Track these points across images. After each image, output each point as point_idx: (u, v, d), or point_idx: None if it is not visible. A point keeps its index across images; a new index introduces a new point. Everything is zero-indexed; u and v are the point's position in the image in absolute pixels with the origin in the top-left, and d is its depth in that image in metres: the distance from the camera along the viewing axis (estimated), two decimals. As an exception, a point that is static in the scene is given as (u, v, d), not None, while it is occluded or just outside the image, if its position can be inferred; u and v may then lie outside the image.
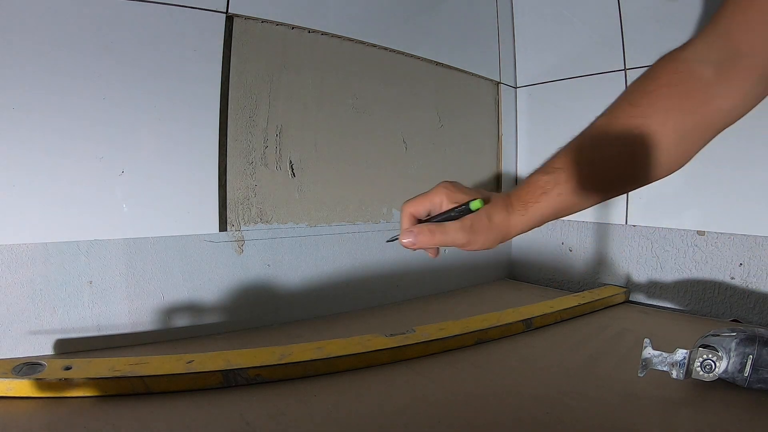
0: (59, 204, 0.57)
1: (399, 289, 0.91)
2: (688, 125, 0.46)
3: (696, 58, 0.45)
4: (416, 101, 0.92)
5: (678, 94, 0.45)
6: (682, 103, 0.45)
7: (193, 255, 0.66)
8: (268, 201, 0.73)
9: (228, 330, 0.69)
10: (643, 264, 0.90)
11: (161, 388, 0.48)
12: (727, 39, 0.43)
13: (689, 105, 0.45)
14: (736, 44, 0.43)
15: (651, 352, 0.48)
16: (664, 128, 0.46)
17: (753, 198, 0.76)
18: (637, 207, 0.90)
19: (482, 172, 1.06)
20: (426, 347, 0.60)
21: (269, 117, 0.73)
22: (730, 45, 0.43)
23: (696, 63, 0.45)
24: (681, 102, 0.45)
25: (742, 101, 0.45)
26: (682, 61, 0.46)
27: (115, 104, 0.60)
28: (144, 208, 0.62)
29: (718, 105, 0.45)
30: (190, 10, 0.64)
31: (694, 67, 0.45)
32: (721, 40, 0.44)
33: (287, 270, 0.75)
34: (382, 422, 0.43)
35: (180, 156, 0.65)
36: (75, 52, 0.57)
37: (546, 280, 1.08)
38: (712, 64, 0.44)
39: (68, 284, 0.58)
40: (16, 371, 0.46)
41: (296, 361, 0.52)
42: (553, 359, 0.60)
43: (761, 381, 0.46)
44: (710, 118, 0.46)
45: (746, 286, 0.77)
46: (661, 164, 0.47)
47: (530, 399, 0.48)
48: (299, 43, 0.75)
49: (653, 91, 0.46)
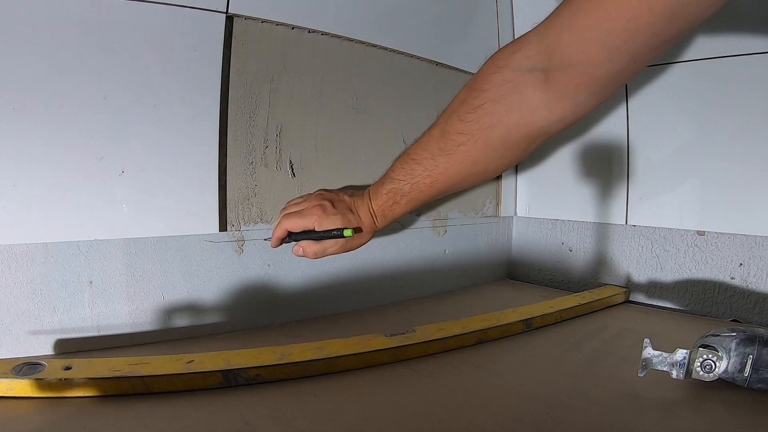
0: (59, 204, 0.57)
1: (399, 289, 0.90)
2: (512, 137, 0.48)
3: (525, 66, 0.44)
4: (416, 101, 0.92)
5: (503, 109, 0.47)
6: (507, 117, 0.47)
7: (193, 255, 0.66)
8: (268, 201, 0.73)
9: (228, 330, 0.69)
10: (643, 264, 0.90)
11: (161, 388, 0.48)
12: (557, 47, 0.42)
13: (514, 119, 0.47)
14: (567, 54, 0.41)
15: (651, 352, 0.48)
16: (488, 144, 0.49)
17: (753, 198, 0.76)
18: (637, 207, 0.90)
19: (482, 172, 1.06)
20: (426, 347, 0.60)
21: (269, 117, 0.73)
22: (560, 54, 0.41)
23: (525, 73, 0.44)
24: (506, 116, 0.47)
25: (571, 112, 0.45)
26: (511, 69, 0.45)
27: (115, 104, 0.60)
28: (144, 208, 0.62)
29: (539, 116, 0.46)
30: (190, 10, 0.64)
31: (523, 77, 0.45)
32: (551, 48, 0.42)
33: (287, 270, 0.76)
34: (382, 422, 0.43)
35: (180, 156, 0.65)
36: (75, 52, 0.57)
37: (546, 280, 1.08)
38: (542, 72, 0.43)
39: (68, 284, 0.58)
40: (16, 371, 0.46)
41: (296, 361, 0.52)
42: (553, 359, 0.60)
43: (761, 381, 0.46)
44: (532, 129, 0.47)
45: (746, 286, 0.77)
46: (489, 170, 0.53)
47: (530, 399, 0.48)
48: (299, 43, 0.75)
49: (480, 106, 0.48)
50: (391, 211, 0.59)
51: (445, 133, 0.52)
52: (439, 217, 0.97)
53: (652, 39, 0.37)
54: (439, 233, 0.97)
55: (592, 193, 0.96)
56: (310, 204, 0.59)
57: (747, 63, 0.74)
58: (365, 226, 0.59)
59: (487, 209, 1.07)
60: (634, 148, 0.89)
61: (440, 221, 0.97)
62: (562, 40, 0.41)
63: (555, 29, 0.42)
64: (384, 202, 0.58)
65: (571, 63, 0.41)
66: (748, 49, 0.73)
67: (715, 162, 0.79)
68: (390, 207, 0.58)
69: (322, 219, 0.57)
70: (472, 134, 0.49)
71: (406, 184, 0.56)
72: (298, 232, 0.59)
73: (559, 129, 0.48)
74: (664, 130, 0.85)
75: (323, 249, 0.59)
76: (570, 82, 0.42)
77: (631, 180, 0.90)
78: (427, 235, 0.95)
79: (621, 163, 0.91)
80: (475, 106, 0.49)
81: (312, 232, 0.58)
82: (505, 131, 0.48)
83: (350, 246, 0.60)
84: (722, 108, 0.78)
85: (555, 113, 0.45)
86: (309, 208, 0.59)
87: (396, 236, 0.90)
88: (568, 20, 0.40)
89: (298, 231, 0.59)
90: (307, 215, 0.58)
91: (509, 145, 0.49)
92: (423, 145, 0.56)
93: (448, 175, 0.54)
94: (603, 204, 0.95)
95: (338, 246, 0.60)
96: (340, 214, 0.58)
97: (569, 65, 0.41)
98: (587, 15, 0.38)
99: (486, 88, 0.48)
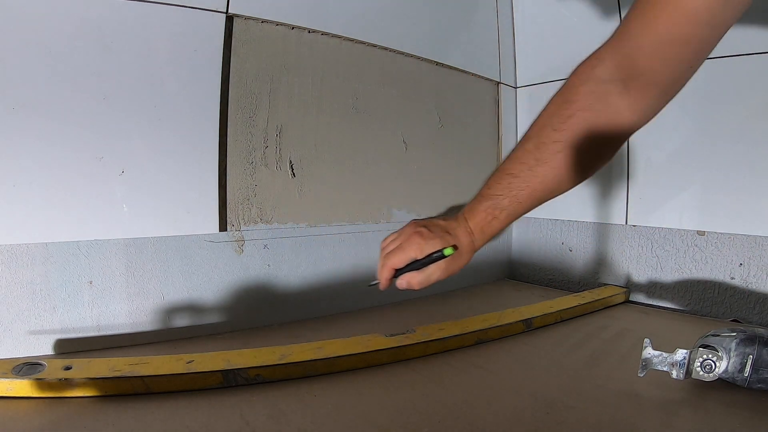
0: (59, 204, 0.57)
1: (399, 289, 0.90)
2: (602, 140, 0.55)
3: (606, 77, 0.53)
4: (416, 101, 0.92)
5: (593, 116, 0.54)
6: (597, 123, 0.54)
7: (193, 255, 0.66)
8: (268, 201, 0.73)
9: (228, 330, 0.69)
10: (643, 264, 0.90)
11: (161, 388, 0.48)
12: (630, 59, 0.50)
13: (602, 123, 0.54)
14: (639, 65, 0.50)
15: (651, 352, 0.48)
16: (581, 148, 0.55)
17: (753, 198, 0.76)
18: (637, 207, 0.90)
19: (482, 172, 1.06)
20: (426, 347, 0.60)
21: (269, 117, 0.73)
22: (634, 65, 0.50)
23: (607, 83, 0.53)
24: (596, 122, 0.54)
25: (644, 113, 0.53)
26: (595, 81, 0.53)
27: (115, 104, 0.60)
28: (144, 208, 0.62)
29: (624, 117, 0.53)
30: (190, 10, 0.64)
31: (606, 87, 0.53)
32: (626, 61, 0.51)
33: (287, 270, 0.76)
34: (382, 422, 0.43)
35: (180, 156, 0.65)
36: (75, 52, 0.57)
37: (546, 280, 1.08)
38: (621, 82, 0.52)
39: (68, 284, 0.58)
40: (16, 371, 0.46)
41: (296, 361, 0.52)
42: (553, 359, 0.60)
43: (761, 381, 0.46)
44: (619, 130, 0.55)
45: (746, 286, 0.77)
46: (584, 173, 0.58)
47: (530, 399, 0.48)
48: (299, 43, 0.75)
49: (572, 115, 0.54)
50: (490, 226, 0.61)
51: (540, 145, 0.57)
52: (439, 217, 0.97)
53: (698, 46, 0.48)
54: (439, 233, 0.97)
55: (592, 193, 0.96)
56: (407, 235, 0.61)
57: (747, 63, 0.74)
58: (464, 245, 0.60)
59: (487, 209, 1.07)
60: (634, 148, 0.89)
61: (440, 221, 0.97)
62: (632, 56, 0.50)
63: (624, 47, 0.51)
64: (482, 219, 0.60)
65: (641, 73, 0.50)
66: (749, 49, 0.73)
67: (715, 162, 0.79)
68: (489, 223, 0.60)
69: (422, 245, 0.59)
70: (567, 141, 0.55)
71: (504, 199, 0.59)
72: (403, 267, 0.59)
73: (639, 126, 0.55)
74: (664, 130, 0.85)
75: (427, 277, 0.59)
76: (643, 87, 0.51)
77: (631, 180, 0.90)
78: (427, 235, 0.95)
79: (621, 163, 0.91)
80: (566, 116, 0.55)
81: (415, 261, 0.58)
82: (597, 135, 0.54)
83: (453, 269, 0.60)
84: (722, 108, 0.78)
85: (636, 113, 0.53)
86: (407, 239, 0.60)
87: (396, 236, 0.90)
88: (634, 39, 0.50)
89: (403, 266, 0.59)
90: (407, 247, 0.59)
91: (601, 147, 0.55)
92: (518, 159, 0.58)
93: (546, 183, 0.57)
94: (603, 204, 0.95)
95: (441, 270, 0.59)
96: (438, 237, 0.59)
97: (640, 74, 0.50)
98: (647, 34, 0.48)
99: (575, 99, 0.54)
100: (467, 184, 1.02)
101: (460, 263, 0.61)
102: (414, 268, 0.59)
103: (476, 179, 1.04)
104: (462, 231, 0.61)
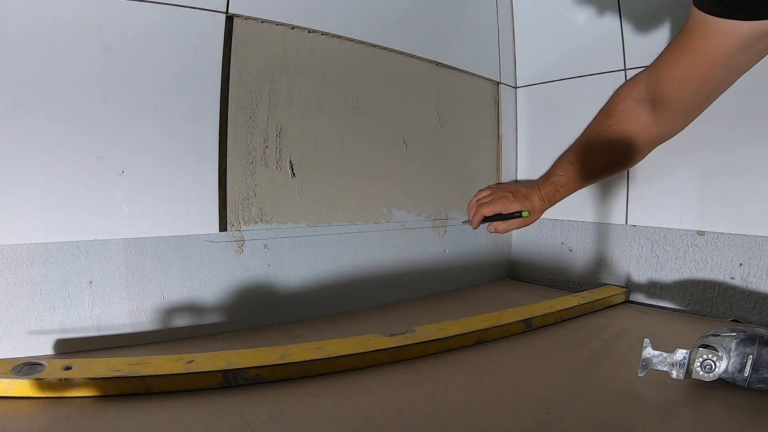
0: (59, 204, 0.57)
1: (399, 289, 0.91)
2: (635, 144, 0.72)
3: (640, 98, 0.69)
4: (416, 101, 0.92)
5: (627, 126, 0.72)
6: (630, 132, 0.72)
7: (193, 255, 0.66)
8: (268, 201, 0.73)
9: (228, 330, 0.69)
10: (643, 264, 0.90)
11: (161, 388, 0.48)
12: (659, 87, 0.66)
13: (634, 132, 0.71)
14: (665, 92, 0.65)
15: (651, 352, 0.48)
16: (619, 149, 0.73)
17: (753, 198, 0.76)
18: (637, 207, 0.90)
19: (482, 172, 1.06)
20: (426, 347, 0.60)
21: (269, 117, 0.73)
22: (661, 91, 0.66)
23: (640, 103, 0.70)
24: (629, 132, 0.72)
25: (670, 129, 0.70)
26: (631, 100, 0.71)
27: (115, 104, 0.60)
28: (144, 208, 0.62)
29: (651, 132, 0.70)
30: (190, 10, 0.64)
31: (639, 106, 0.70)
32: (655, 87, 0.66)
33: (287, 270, 0.76)
34: (382, 422, 0.43)
35: (180, 156, 0.65)
36: (75, 52, 0.57)
37: (546, 280, 1.08)
38: (650, 103, 0.68)
39: (68, 284, 0.58)
40: (16, 371, 0.46)
41: (296, 361, 0.52)
42: (553, 359, 0.60)
43: (761, 381, 0.46)
44: (647, 140, 0.72)
45: (746, 286, 0.77)
46: (621, 167, 0.81)
47: (530, 399, 0.48)
48: (299, 43, 0.75)
49: (612, 124, 0.73)
50: (554, 196, 0.83)
51: (589, 143, 0.77)
52: (439, 217, 0.97)
53: (715, 82, 0.61)
54: (439, 233, 0.97)
55: (592, 193, 0.96)
56: (497, 195, 0.86)
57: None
58: (536, 207, 0.85)
59: (487, 209, 1.07)
60: (634, 148, 0.89)
61: (440, 221, 0.97)
62: (660, 83, 0.65)
63: (656, 76, 0.66)
64: (548, 191, 0.83)
65: (666, 98, 0.65)
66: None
67: (716, 162, 0.79)
68: (553, 194, 0.83)
69: (507, 205, 0.84)
70: (608, 143, 0.73)
71: (563, 178, 0.81)
72: (490, 216, 0.84)
73: (664, 139, 0.72)
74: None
75: (508, 225, 0.85)
76: (667, 109, 0.66)
77: (631, 180, 0.90)
78: (427, 235, 0.95)
79: (621, 163, 0.91)
80: (608, 124, 0.73)
81: (500, 215, 0.84)
82: (630, 140, 0.72)
83: (527, 222, 0.86)
84: (722, 107, 0.77)
85: (660, 129, 0.69)
86: (496, 198, 0.85)
87: (396, 236, 0.90)
88: (663, 70, 0.64)
89: (491, 215, 0.84)
90: (496, 202, 0.84)
91: (634, 149, 0.73)
92: (574, 151, 0.80)
93: (593, 169, 0.79)
94: (603, 204, 0.95)
95: (519, 223, 0.85)
96: (519, 201, 0.84)
97: (666, 99, 0.65)
98: (674, 68, 0.62)
99: (615, 113, 0.73)
100: (467, 183, 1.02)
101: (532, 219, 0.86)
102: (498, 219, 0.84)
103: (476, 179, 1.04)
104: (536, 197, 0.84)
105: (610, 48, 0.92)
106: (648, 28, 0.87)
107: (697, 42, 0.57)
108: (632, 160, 0.75)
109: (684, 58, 0.60)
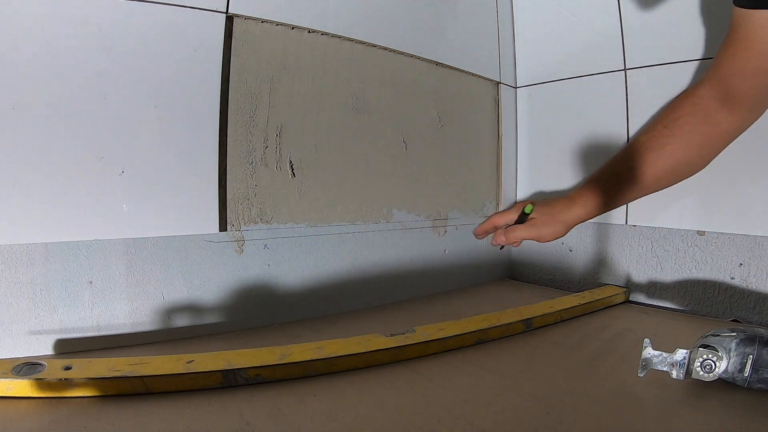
0: (59, 204, 0.57)
1: (399, 289, 0.91)
2: (704, 142, 0.68)
3: (707, 95, 0.67)
4: (416, 101, 0.92)
5: (696, 122, 0.68)
6: (699, 128, 0.68)
7: (193, 255, 0.66)
8: (268, 201, 0.73)
9: (228, 330, 0.69)
10: (643, 264, 0.90)
11: (161, 388, 0.48)
12: (724, 85, 0.64)
13: (704, 129, 0.68)
14: (731, 89, 0.63)
15: (651, 352, 0.48)
16: (688, 146, 0.69)
17: (753, 198, 0.76)
18: (637, 207, 0.90)
19: (482, 172, 1.06)
20: (426, 347, 0.60)
21: (269, 117, 0.73)
22: (727, 88, 0.64)
23: (707, 99, 0.67)
24: (698, 127, 0.68)
25: (739, 124, 0.67)
26: (698, 97, 0.68)
27: (115, 104, 0.60)
28: (144, 208, 0.62)
29: (723, 128, 0.67)
30: (190, 10, 0.64)
31: (706, 102, 0.67)
32: (721, 85, 0.65)
33: (287, 270, 0.76)
34: (382, 422, 0.43)
35: (180, 156, 0.65)
36: (75, 52, 0.57)
37: (546, 280, 1.08)
38: (718, 100, 0.66)
39: (68, 284, 0.58)
40: (16, 371, 0.46)
41: (296, 361, 0.52)
42: (553, 359, 0.60)
43: (761, 381, 0.46)
44: (718, 137, 0.68)
45: (746, 286, 0.77)
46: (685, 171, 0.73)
47: (530, 399, 0.48)
48: (299, 43, 0.75)
49: (679, 118, 0.69)
50: (596, 197, 0.75)
51: (652, 136, 0.71)
52: (439, 217, 0.97)
53: None
54: (439, 233, 0.97)
55: (592, 193, 0.96)
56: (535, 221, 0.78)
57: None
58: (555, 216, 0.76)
59: (487, 209, 1.07)
60: (634, 148, 0.89)
61: (440, 221, 0.97)
62: (725, 81, 0.64)
63: (719, 74, 0.65)
64: (591, 189, 0.76)
65: (734, 94, 0.64)
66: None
67: (716, 162, 0.79)
68: (597, 192, 0.76)
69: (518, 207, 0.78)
70: (675, 136, 0.69)
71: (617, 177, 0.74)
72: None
73: (736, 135, 0.68)
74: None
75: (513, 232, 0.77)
76: (735, 104, 0.64)
77: (631, 180, 0.90)
78: (427, 235, 0.95)
79: (621, 163, 0.90)
80: (674, 117, 0.69)
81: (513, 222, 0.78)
82: (700, 136, 0.68)
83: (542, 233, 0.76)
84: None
85: (732, 125, 0.66)
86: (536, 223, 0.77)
87: (396, 236, 0.90)
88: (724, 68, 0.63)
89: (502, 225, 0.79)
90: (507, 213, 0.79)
91: (703, 147, 0.69)
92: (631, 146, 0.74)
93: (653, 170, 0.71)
94: (603, 204, 0.95)
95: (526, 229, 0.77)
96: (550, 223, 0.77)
97: (733, 96, 0.64)
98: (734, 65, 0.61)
99: (681, 107, 0.69)
100: (467, 184, 1.02)
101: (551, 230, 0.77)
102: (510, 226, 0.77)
103: (476, 179, 1.04)
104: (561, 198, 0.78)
105: (610, 48, 0.92)
106: (648, 28, 0.87)
107: (744, 37, 0.57)
108: (702, 160, 0.71)
109: (738, 54, 0.60)
